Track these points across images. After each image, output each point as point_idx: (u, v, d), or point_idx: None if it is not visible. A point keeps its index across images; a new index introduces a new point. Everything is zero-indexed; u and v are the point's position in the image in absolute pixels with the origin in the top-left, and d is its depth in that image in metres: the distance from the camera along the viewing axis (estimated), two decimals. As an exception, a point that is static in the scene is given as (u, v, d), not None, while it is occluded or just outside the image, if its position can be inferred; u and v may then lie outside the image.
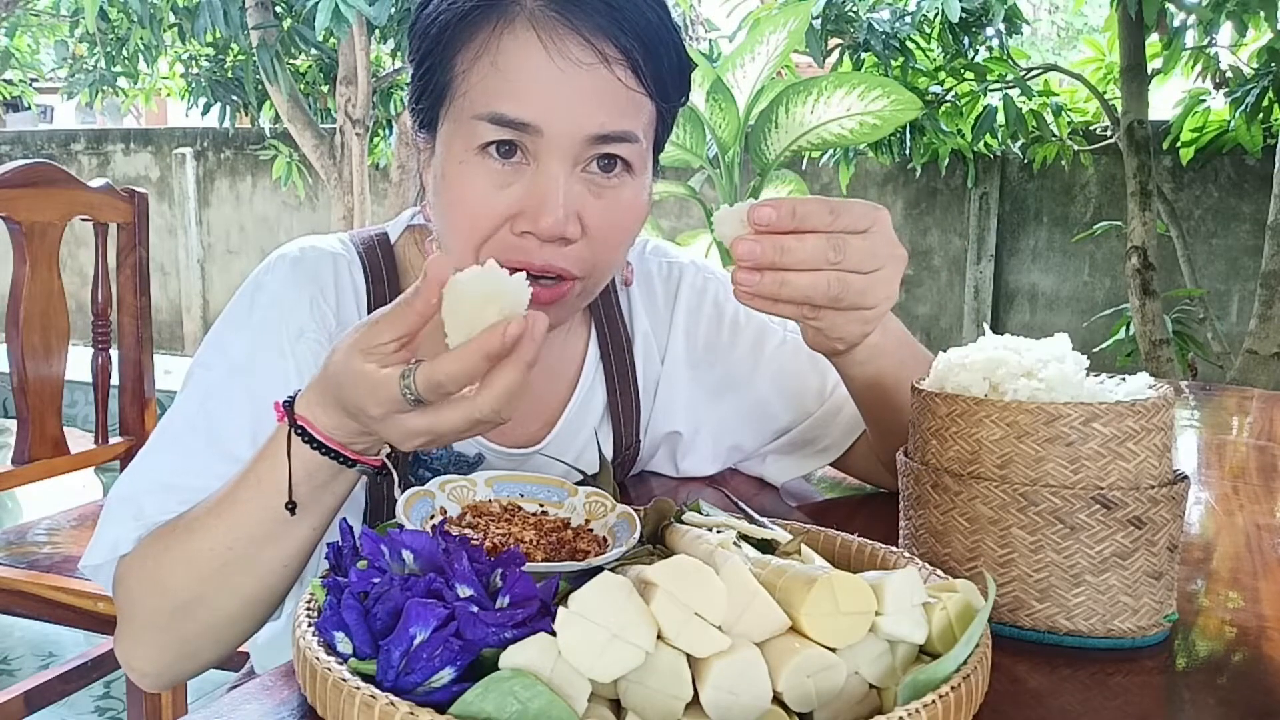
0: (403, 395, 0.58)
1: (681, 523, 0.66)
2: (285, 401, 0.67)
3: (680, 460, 1.01)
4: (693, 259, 1.02)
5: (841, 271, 0.68)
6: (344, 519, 0.61)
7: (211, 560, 0.70)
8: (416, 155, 0.85)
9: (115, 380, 1.73)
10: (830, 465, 0.99)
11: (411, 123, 0.83)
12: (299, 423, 0.66)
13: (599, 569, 0.52)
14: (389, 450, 0.68)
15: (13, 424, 1.71)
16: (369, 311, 0.86)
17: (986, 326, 0.75)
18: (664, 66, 0.76)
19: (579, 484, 0.78)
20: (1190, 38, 3.74)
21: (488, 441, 0.89)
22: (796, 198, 0.70)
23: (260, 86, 4.95)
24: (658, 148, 0.82)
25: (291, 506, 0.67)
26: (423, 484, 0.73)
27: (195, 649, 0.75)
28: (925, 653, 0.53)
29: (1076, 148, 4.40)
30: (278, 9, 4.77)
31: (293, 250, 0.87)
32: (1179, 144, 4.22)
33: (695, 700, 0.46)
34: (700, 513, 0.68)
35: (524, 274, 0.59)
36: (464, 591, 0.49)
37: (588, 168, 0.76)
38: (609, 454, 0.95)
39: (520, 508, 0.74)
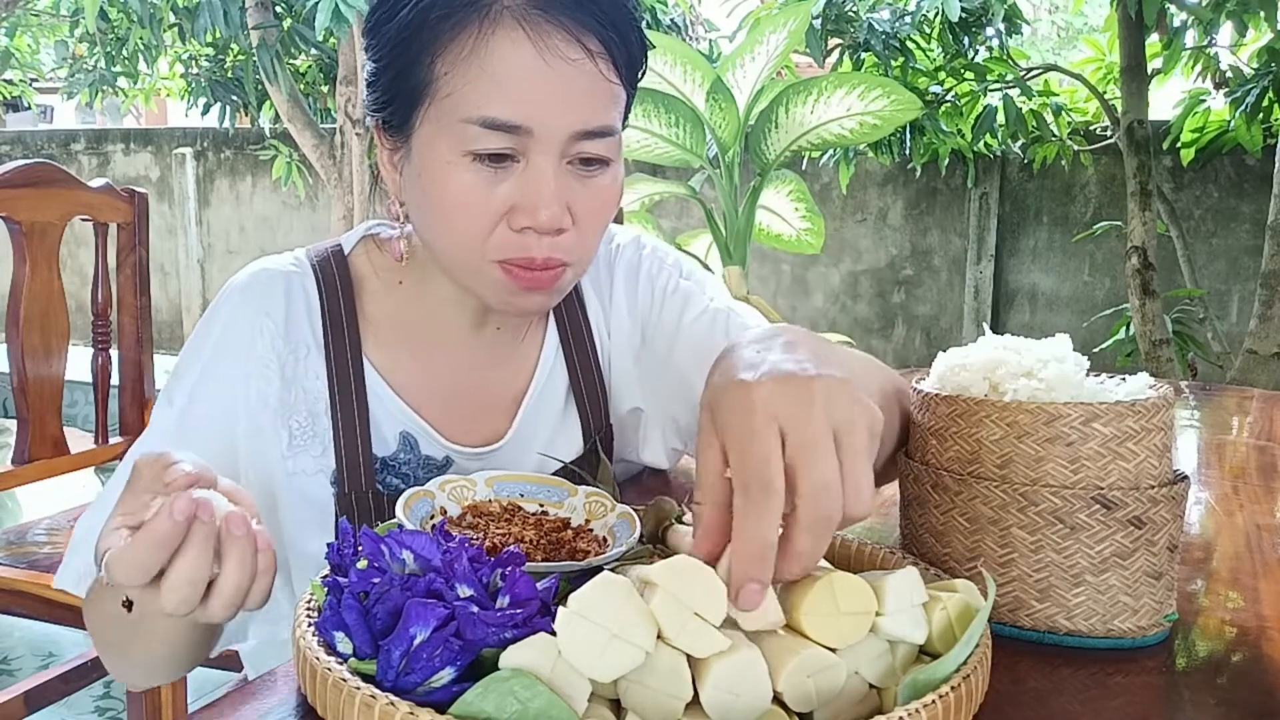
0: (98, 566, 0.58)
1: (682, 523, 0.66)
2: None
3: (642, 444, 1.00)
4: (634, 236, 1.02)
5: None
6: (343, 520, 0.61)
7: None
8: (381, 155, 0.83)
9: (115, 380, 1.73)
10: None
11: (374, 123, 0.82)
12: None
13: (599, 569, 0.52)
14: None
15: (13, 424, 1.71)
16: (322, 323, 0.86)
17: (986, 326, 0.75)
18: (633, 52, 0.78)
19: (560, 474, 0.78)
20: (1190, 38, 3.74)
21: (450, 443, 0.88)
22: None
23: (260, 86, 4.95)
24: (623, 125, 0.83)
25: (128, 604, 0.62)
26: (394, 491, 0.72)
27: (137, 676, 0.79)
28: (925, 653, 0.53)
29: (1076, 148, 4.40)
30: (278, 9, 4.77)
31: (242, 278, 0.87)
32: (1179, 144, 4.21)
33: (695, 700, 0.47)
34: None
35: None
36: (464, 591, 0.49)
37: (572, 162, 0.77)
38: (580, 438, 0.95)
39: (520, 508, 0.74)
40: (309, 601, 0.55)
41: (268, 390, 0.84)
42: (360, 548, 0.55)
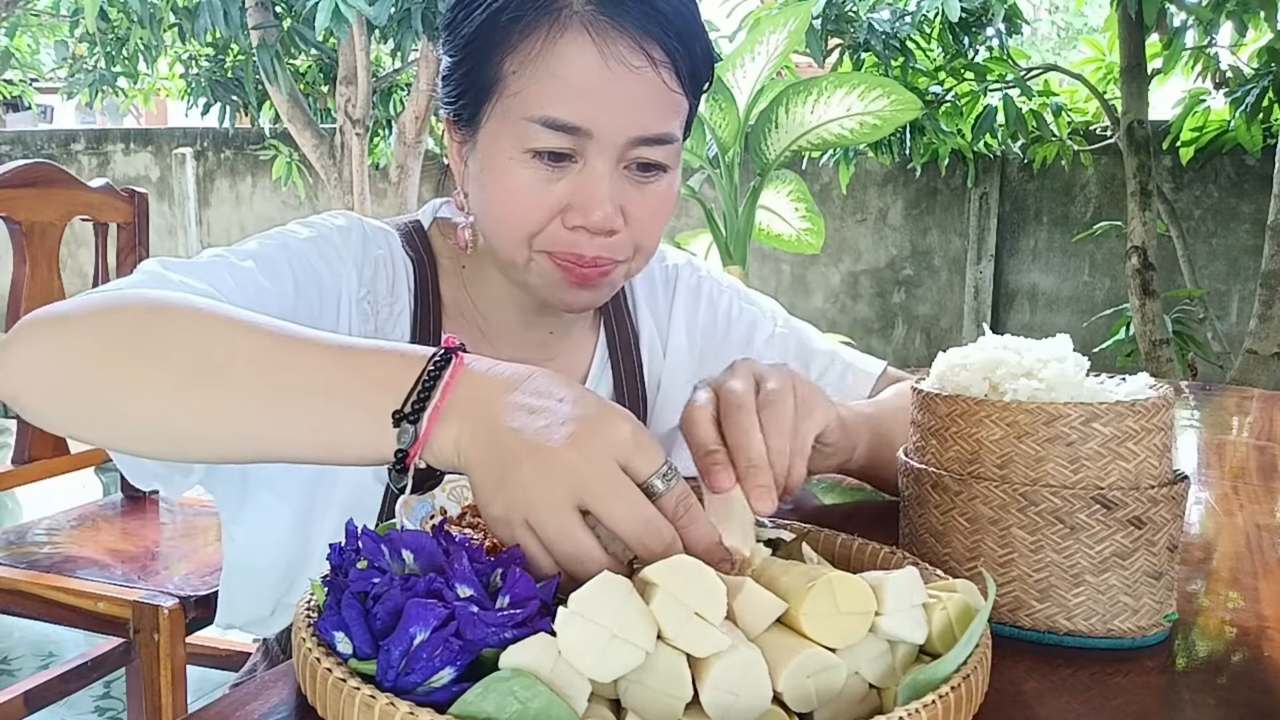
0: (658, 474, 0.55)
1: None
2: (461, 344, 0.61)
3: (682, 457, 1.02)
4: (688, 259, 1.05)
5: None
6: (350, 520, 0.60)
7: (223, 365, 0.60)
8: (450, 147, 0.86)
9: (115, 380, 1.73)
10: None
11: (446, 116, 0.85)
12: (455, 355, 0.59)
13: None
14: (425, 465, 0.59)
15: (13, 424, 1.71)
16: (416, 293, 0.88)
17: (986, 326, 0.75)
18: (697, 63, 0.80)
19: None
20: (1190, 38, 3.75)
21: None
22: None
23: (260, 86, 4.94)
24: (685, 135, 0.85)
25: (398, 416, 0.57)
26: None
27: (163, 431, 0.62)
28: (925, 653, 0.53)
29: (1076, 148, 4.40)
30: (278, 9, 4.77)
31: (342, 217, 0.88)
32: (1179, 144, 4.22)
33: (695, 700, 0.47)
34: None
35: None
36: (464, 591, 0.49)
37: (630, 166, 0.79)
38: None
39: (520, 508, 0.74)
40: (309, 601, 0.55)
41: (366, 314, 0.84)
42: (361, 548, 0.55)
